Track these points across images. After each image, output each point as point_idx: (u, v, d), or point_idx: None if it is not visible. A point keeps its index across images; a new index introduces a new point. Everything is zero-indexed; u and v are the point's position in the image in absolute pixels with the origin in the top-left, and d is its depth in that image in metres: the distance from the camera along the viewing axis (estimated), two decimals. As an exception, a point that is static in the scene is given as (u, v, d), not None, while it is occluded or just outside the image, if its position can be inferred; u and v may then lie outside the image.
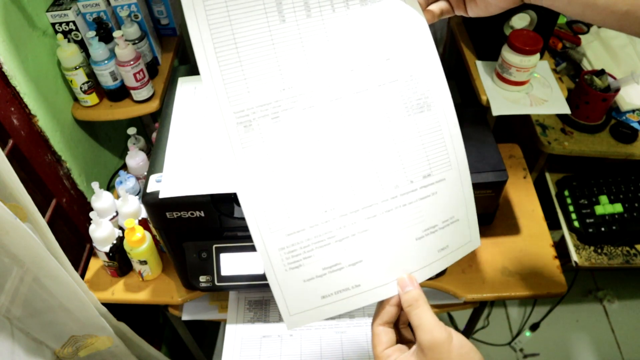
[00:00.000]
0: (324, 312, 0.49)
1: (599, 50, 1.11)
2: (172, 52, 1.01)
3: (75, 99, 0.93)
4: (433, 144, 0.53)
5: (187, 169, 0.68)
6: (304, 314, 0.49)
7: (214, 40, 0.47)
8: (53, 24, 0.86)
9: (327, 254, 0.49)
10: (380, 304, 0.51)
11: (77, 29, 0.87)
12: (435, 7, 0.55)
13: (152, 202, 0.68)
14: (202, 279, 0.78)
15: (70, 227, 0.95)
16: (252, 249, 0.77)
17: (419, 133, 0.52)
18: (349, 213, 0.49)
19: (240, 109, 0.47)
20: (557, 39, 1.10)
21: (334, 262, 0.49)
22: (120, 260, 0.88)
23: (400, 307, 0.50)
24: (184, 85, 0.80)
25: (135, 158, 0.95)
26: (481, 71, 0.91)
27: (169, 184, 0.67)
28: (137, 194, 0.93)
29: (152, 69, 0.96)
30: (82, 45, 0.88)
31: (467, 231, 0.55)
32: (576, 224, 1.06)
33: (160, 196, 0.66)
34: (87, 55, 0.87)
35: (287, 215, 0.48)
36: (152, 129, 1.15)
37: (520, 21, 0.88)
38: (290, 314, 0.49)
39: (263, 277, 0.77)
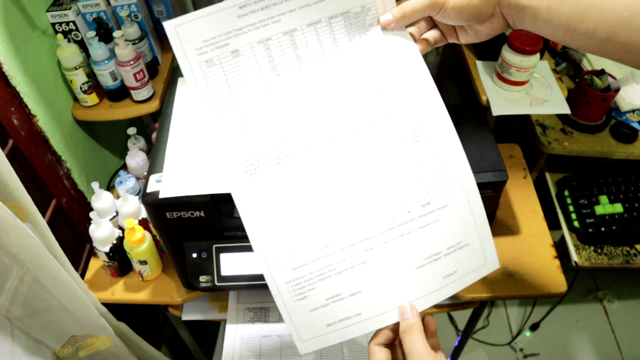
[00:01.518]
0: (330, 338, 0.53)
1: (599, 50, 1.11)
2: (172, 52, 1.01)
3: (75, 99, 0.93)
4: (432, 172, 0.54)
5: (187, 169, 0.68)
6: (314, 340, 0.53)
7: (216, 103, 0.52)
8: (53, 24, 0.86)
9: (329, 285, 0.52)
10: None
11: (77, 29, 0.87)
12: (429, 36, 0.56)
13: (152, 202, 0.68)
14: (202, 279, 0.78)
15: (70, 227, 0.95)
16: (252, 249, 0.77)
17: (416, 163, 0.53)
18: (347, 247, 0.52)
19: (245, 159, 0.52)
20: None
21: (336, 292, 0.52)
22: (120, 260, 0.88)
23: (396, 332, 0.53)
24: (184, 85, 0.80)
25: (135, 158, 0.95)
26: (481, 71, 0.91)
27: (169, 184, 0.67)
28: (137, 194, 0.93)
29: (152, 69, 0.96)
30: (82, 45, 0.88)
31: (479, 254, 0.56)
32: (576, 224, 1.06)
33: (160, 196, 0.66)
34: (87, 55, 0.87)
35: (292, 252, 0.52)
36: (152, 129, 1.15)
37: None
38: (302, 340, 0.53)
39: (263, 277, 0.77)
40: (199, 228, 0.73)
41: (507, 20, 0.52)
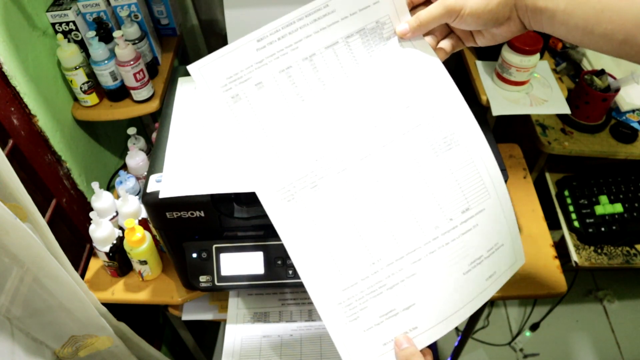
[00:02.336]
0: (388, 358, 0.52)
1: (599, 50, 1.11)
2: (172, 52, 1.01)
3: (75, 99, 0.93)
4: (467, 177, 0.54)
5: (187, 169, 0.68)
6: None
7: (247, 135, 0.52)
8: (53, 24, 0.86)
9: (381, 302, 0.51)
10: None
11: (77, 29, 0.87)
12: (446, 45, 0.56)
13: (152, 202, 0.68)
14: (202, 279, 0.78)
15: (70, 227, 0.95)
16: (252, 249, 0.77)
17: (451, 170, 0.54)
18: (394, 261, 0.52)
19: (281, 186, 0.52)
20: (557, 39, 1.10)
21: (389, 309, 0.52)
22: (120, 260, 0.88)
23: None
24: (184, 85, 0.80)
25: (135, 158, 0.95)
26: (481, 71, 0.91)
27: (169, 184, 0.67)
28: (137, 194, 0.93)
29: (152, 69, 0.96)
30: (82, 45, 0.88)
31: (511, 253, 0.57)
32: (576, 224, 1.06)
33: (160, 196, 0.66)
34: (87, 55, 0.87)
35: (340, 273, 0.51)
36: (152, 129, 1.15)
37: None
38: None
39: (263, 277, 0.78)
40: (199, 228, 0.73)
41: (524, 23, 0.52)
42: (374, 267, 0.51)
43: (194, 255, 0.77)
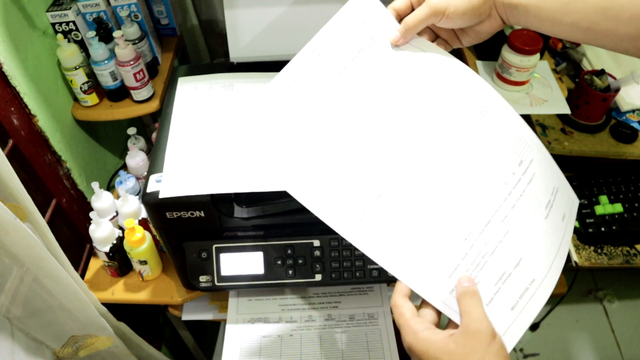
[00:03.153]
0: (520, 321, 0.50)
1: (599, 50, 1.11)
2: (172, 52, 1.01)
3: (75, 99, 0.93)
4: (508, 135, 0.57)
5: (187, 169, 0.68)
6: (505, 336, 0.50)
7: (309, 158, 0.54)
8: (53, 24, 0.86)
9: (490, 270, 0.51)
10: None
11: (77, 29, 0.87)
12: (439, 43, 0.61)
13: (152, 202, 0.68)
14: (202, 279, 0.78)
15: (70, 227, 0.95)
16: (252, 249, 0.77)
17: (494, 132, 0.57)
18: (484, 227, 0.52)
19: (350, 207, 0.52)
20: (557, 39, 1.10)
21: (500, 272, 0.51)
22: (120, 260, 0.88)
23: None
24: (184, 85, 0.80)
25: (135, 158, 0.95)
26: (481, 71, 0.91)
27: (169, 184, 0.67)
28: (137, 194, 0.93)
29: (152, 69, 0.96)
30: (82, 45, 0.88)
31: (568, 193, 0.60)
32: (576, 224, 1.06)
33: (160, 196, 0.66)
34: (87, 55, 0.87)
35: (439, 262, 0.51)
36: (152, 129, 1.15)
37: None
38: None
39: (263, 277, 0.78)
40: (199, 228, 0.73)
41: (502, 18, 0.57)
42: (468, 242, 0.51)
43: (194, 255, 0.77)
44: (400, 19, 0.59)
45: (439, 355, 0.44)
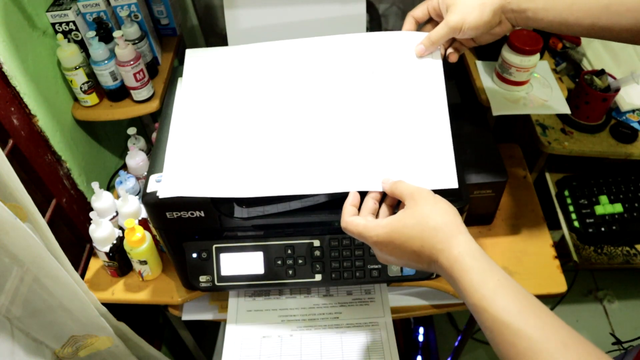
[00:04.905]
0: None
1: (599, 50, 1.11)
2: (172, 52, 1.01)
3: (75, 99, 0.93)
4: None
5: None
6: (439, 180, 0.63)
7: None
8: (53, 24, 0.86)
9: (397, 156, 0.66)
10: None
11: (77, 29, 0.87)
12: (453, 50, 0.71)
13: (152, 202, 0.68)
14: (202, 279, 0.78)
15: (70, 227, 0.95)
16: (252, 249, 0.77)
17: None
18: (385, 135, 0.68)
19: None
20: (557, 39, 1.10)
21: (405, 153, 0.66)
22: (120, 260, 0.88)
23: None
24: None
25: (135, 158, 0.95)
26: (481, 71, 0.91)
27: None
28: (137, 194, 0.93)
29: (152, 69, 0.96)
30: (82, 45, 0.88)
31: None
32: (576, 224, 1.06)
33: (160, 196, 0.66)
34: (87, 55, 0.87)
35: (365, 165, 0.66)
36: (152, 129, 1.15)
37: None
38: None
39: (263, 277, 0.78)
40: (199, 228, 0.73)
41: (512, 23, 0.65)
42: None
43: (194, 255, 0.77)
44: (417, 25, 0.71)
45: (406, 222, 0.53)
